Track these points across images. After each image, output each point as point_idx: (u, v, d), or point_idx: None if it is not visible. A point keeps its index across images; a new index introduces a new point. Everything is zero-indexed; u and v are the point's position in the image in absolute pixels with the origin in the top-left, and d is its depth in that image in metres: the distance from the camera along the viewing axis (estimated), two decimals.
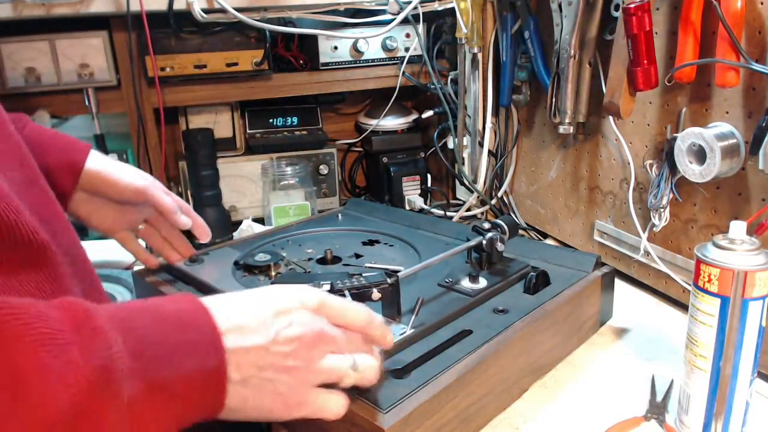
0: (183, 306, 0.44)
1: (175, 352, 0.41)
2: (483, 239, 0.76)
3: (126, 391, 0.38)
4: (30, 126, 0.71)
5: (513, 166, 1.18)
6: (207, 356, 0.42)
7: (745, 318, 0.53)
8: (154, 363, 0.39)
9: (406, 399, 0.52)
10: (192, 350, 0.41)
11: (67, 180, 0.71)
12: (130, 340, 0.39)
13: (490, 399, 0.61)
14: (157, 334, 0.41)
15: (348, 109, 1.48)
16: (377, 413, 0.51)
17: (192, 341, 0.42)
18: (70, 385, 0.35)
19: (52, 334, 0.36)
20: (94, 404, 0.36)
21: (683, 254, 0.82)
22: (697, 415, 0.58)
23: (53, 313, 0.37)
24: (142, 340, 0.40)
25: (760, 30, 0.66)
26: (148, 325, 0.41)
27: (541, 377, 0.69)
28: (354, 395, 0.52)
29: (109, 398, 0.37)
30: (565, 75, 0.90)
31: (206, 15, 1.08)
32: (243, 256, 0.84)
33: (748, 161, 0.70)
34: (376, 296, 0.61)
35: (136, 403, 0.38)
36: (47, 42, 1.06)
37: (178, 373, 0.40)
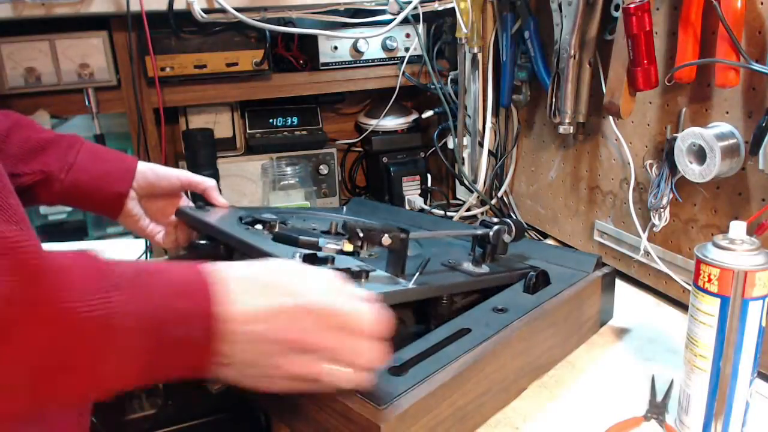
0: (187, 274, 0.45)
1: (171, 315, 0.42)
2: (490, 231, 0.76)
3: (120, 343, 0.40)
4: (86, 145, 0.82)
5: (513, 166, 1.18)
6: (197, 323, 0.43)
7: (745, 318, 0.53)
8: (150, 322, 0.41)
9: (402, 396, 0.52)
10: (185, 316, 0.43)
11: (124, 182, 0.83)
12: (132, 300, 0.41)
13: (488, 398, 0.61)
14: (159, 298, 0.42)
15: (348, 109, 1.47)
16: (374, 410, 0.51)
17: (186, 308, 0.43)
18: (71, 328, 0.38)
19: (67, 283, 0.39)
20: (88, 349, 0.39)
21: (683, 254, 0.82)
22: (697, 415, 0.58)
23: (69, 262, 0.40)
24: (143, 301, 0.41)
25: (760, 30, 0.66)
26: (150, 287, 0.43)
27: (541, 377, 0.69)
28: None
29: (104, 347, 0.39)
30: (565, 75, 0.90)
31: (206, 15, 1.07)
32: (248, 214, 0.86)
33: (748, 161, 0.70)
34: (386, 241, 0.62)
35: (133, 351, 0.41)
36: (47, 42, 1.06)
37: (169, 335, 0.42)
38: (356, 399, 0.52)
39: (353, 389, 0.52)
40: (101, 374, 0.41)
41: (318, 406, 0.56)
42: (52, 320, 0.38)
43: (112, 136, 1.21)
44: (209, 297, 0.44)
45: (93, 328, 0.39)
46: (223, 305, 0.44)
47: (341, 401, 0.53)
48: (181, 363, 0.44)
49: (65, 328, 0.38)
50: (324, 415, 0.55)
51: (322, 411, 0.55)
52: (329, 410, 0.54)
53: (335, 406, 0.54)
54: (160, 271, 0.44)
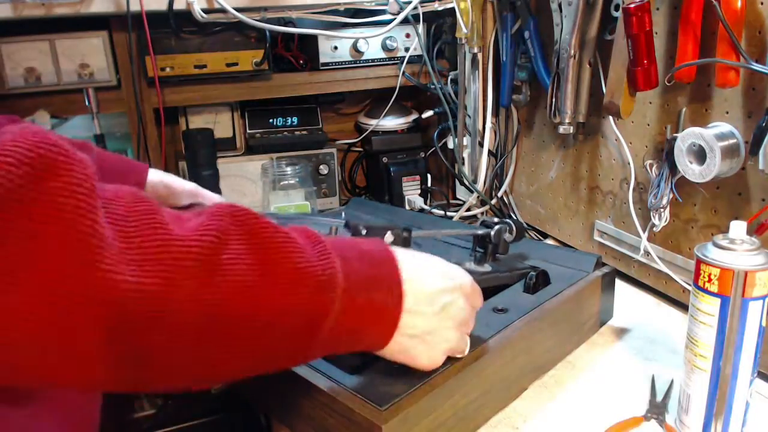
0: (377, 247, 0.52)
1: (371, 283, 0.48)
2: (491, 230, 0.76)
3: (338, 304, 0.45)
4: (96, 151, 0.82)
5: (513, 166, 1.18)
6: (390, 293, 0.50)
7: (745, 318, 0.53)
8: (356, 288, 0.47)
9: (404, 397, 0.52)
10: (380, 286, 0.49)
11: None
12: (344, 265, 0.46)
13: (488, 398, 0.61)
14: (359, 265, 0.48)
15: (348, 109, 1.47)
16: (375, 411, 0.51)
17: (381, 278, 0.50)
18: (309, 286, 0.43)
19: (301, 247, 0.44)
20: (321, 305, 0.44)
21: (683, 254, 0.82)
22: (697, 415, 0.58)
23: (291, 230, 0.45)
24: (350, 268, 0.47)
25: (760, 30, 0.66)
26: (353, 256, 0.48)
27: (541, 377, 0.69)
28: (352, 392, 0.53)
29: (329, 304, 0.44)
30: (565, 75, 0.90)
31: (206, 15, 1.07)
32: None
33: (748, 161, 0.70)
34: (389, 239, 0.63)
35: (341, 315, 0.45)
36: (47, 42, 1.06)
37: (369, 301, 0.48)
38: (357, 400, 0.52)
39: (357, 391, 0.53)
40: (317, 335, 0.45)
41: (319, 406, 0.56)
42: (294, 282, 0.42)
43: (112, 136, 1.21)
44: (399, 268, 0.51)
45: (325, 286, 0.44)
46: (409, 281, 0.51)
47: (342, 402, 0.53)
48: (370, 327, 0.49)
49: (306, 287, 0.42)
50: (325, 415, 0.55)
51: (323, 412, 0.55)
52: (330, 411, 0.54)
53: (336, 407, 0.54)
54: (352, 243, 0.51)
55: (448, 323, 0.54)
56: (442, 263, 0.57)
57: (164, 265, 0.36)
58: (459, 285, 0.56)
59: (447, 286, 0.54)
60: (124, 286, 0.34)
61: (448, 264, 0.58)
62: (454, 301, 0.54)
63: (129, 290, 0.34)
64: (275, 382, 0.61)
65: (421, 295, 0.52)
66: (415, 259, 0.54)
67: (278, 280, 0.41)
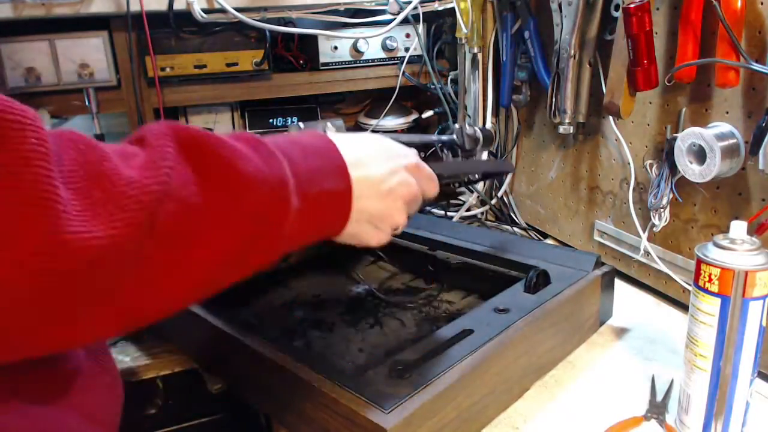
0: (316, 140, 0.52)
1: (317, 174, 0.49)
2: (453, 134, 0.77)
3: (293, 201, 0.46)
4: None
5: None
6: (339, 179, 0.51)
7: (745, 318, 0.53)
8: (305, 182, 0.47)
9: (408, 399, 0.52)
10: (328, 174, 0.50)
11: None
12: (290, 163, 0.46)
13: (491, 399, 0.61)
14: (304, 160, 0.48)
15: (348, 109, 1.48)
16: (379, 413, 0.50)
17: (327, 167, 0.50)
18: (262, 190, 0.43)
19: (246, 154, 0.43)
20: (275, 211, 0.44)
21: (683, 254, 0.82)
22: (697, 414, 0.58)
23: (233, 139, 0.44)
24: (296, 164, 0.47)
25: (760, 30, 0.66)
26: (296, 152, 0.48)
27: (542, 377, 0.69)
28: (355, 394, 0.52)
29: (285, 207, 0.45)
30: (565, 75, 0.90)
31: (206, 15, 1.08)
32: None
33: (748, 161, 0.70)
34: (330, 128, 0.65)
35: (296, 212, 0.46)
36: (47, 42, 1.06)
37: (320, 191, 0.49)
38: (361, 401, 0.52)
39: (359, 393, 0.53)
40: (281, 234, 0.46)
41: (321, 408, 0.55)
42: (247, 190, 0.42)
43: (112, 136, 1.21)
44: (342, 156, 0.51)
45: (276, 187, 0.44)
46: (355, 166, 0.52)
47: (345, 404, 0.52)
48: (327, 217, 0.51)
49: (259, 193, 0.43)
50: (327, 417, 0.55)
51: (324, 414, 0.55)
52: (332, 413, 0.54)
53: (339, 408, 0.53)
54: (292, 139, 0.50)
55: (397, 203, 0.56)
56: (383, 142, 0.58)
57: (124, 212, 0.36)
58: (404, 165, 0.57)
59: (392, 167, 0.56)
60: (95, 242, 0.34)
61: (389, 142, 0.59)
62: (401, 182, 0.56)
63: (101, 246, 0.35)
64: (276, 383, 0.61)
65: (368, 182, 0.53)
66: (356, 144, 0.55)
67: (231, 194, 0.42)
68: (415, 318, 0.78)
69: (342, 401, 0.53)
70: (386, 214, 0.56)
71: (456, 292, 0.85)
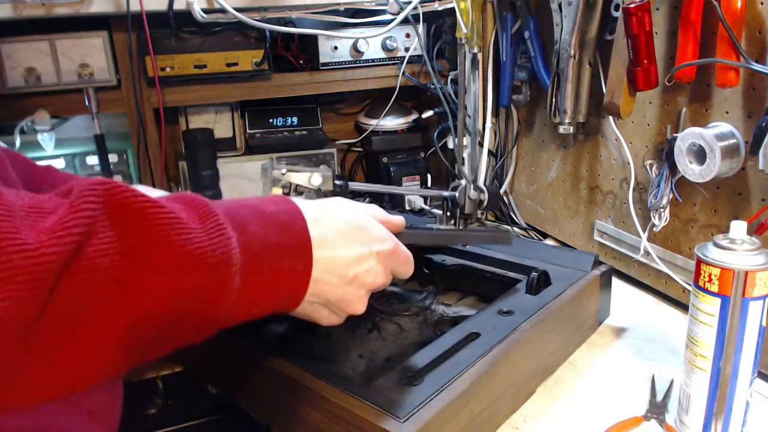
0: (282, 208, 0.49)
1: (275, 250, 0.46)
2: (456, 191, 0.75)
3: (237, 281, 0.42)
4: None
5: (513, 166, 1.18)
6: (299, 258, 0.48)
7: (745, 318, 0.53)
8: (259, 258, 0.44)
9: (422, 407, 0.51)
10: (287, 251, 0.47)
11: None
12: (242, 237, 0.43)
13: (501, 403, 0.61)
14: (262, 233, 0.45)
15: (348, 109, 1.47)
16: (395, 422, 0.49)
17: (288, 243, 0.47)
18: (199, 268, 0.39)
19: (183, 222, 0.39)
20: (214, 288, 0.41)
21: (683, 254, 0.82)
22: (697, 414, 0.58)
23: (180, 206, 0.41)
24: (250, 238, 0.44)
25: (760, 30, 0.66)
26: (255, 223, 0.45)
27: (547, 378, 0.69)
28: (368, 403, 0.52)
29: (224, 288, 0.41)
30: (565, 75, 0.90)
31: (206, 15, 1.07)
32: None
33: (748, 161, 0.70)
34: (316, 180, 0.62)
35: (242, 291, 0.43)
36: (47, 42, 1.06)
37: (275, 269, 0.46)
38: (374, 411, 0.50)
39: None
40: (216, 314, 0.43)
41: (331, 419, 0.54)
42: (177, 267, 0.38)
43: (112, 136, 1.21)
44: (308, 232, 0.48)
45: (216, 267, 0.40)
46: (320, 247, 0.49)
47: (358, 414, 0.51)
48: (278, 297, 0.48)
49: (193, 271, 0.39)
50: (338, 428, 0.53)
51: (335, 424, 0.53)
52: (344, 423, 0.52)
53: (351, 418, 0.51)
54: (254, 207, 0.47)
55: (358, 292, 0.53)
56: (360, 220, 0.54)
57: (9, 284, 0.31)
58: (376, 252, 0.53)
59: (362, 254, 0.52)
60: None
61: (367, 221, 0.54)
62: (368, 270, 0.52)
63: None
64: (280, 393, 0.60)
65: (332, 265, 0.50)
66: (328, 219, 0.51)
67: (155, 269, 0.37)
68: (412, 321, 0.78)
69: (355, 411, 0.51)
70: (345, 301, 0.52)
71: (452, 294, 0.84)
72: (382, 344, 0.72)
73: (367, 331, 0.75)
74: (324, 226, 0.50)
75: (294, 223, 0.48)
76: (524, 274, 0.77)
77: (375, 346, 0.72)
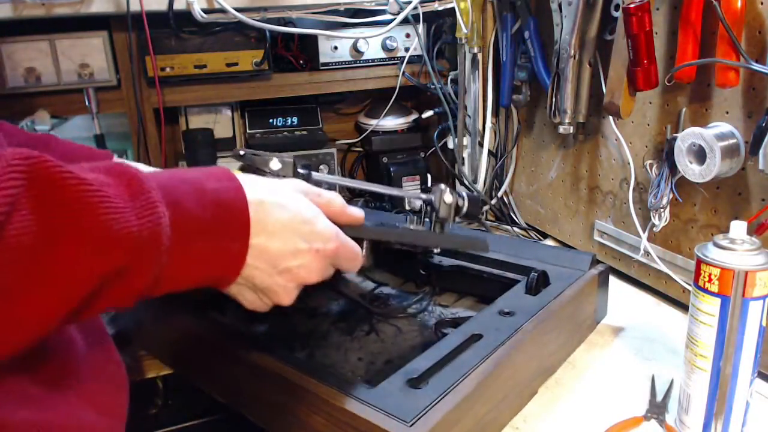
0: (224, 185, 0.47)
1: (211, 227, 0.45)
2: (432, 195, 0.70)
3: (164, 259, 0.42)
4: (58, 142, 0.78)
5: (513, 166, 1.18)
6: (235, 240, 0.47)
7: (745, 318, 0.53)
8: (192, 235, 0.44)
9: (429, 410, 0.50)
10: (223, 232, 0.46)
11: None
12: (176, 215, 0.42)
13: (505, 404, 0.61)
14: (201, 209, 0.44)
15: (348, 109, 1.48)
16: (402, 426, 0.49)
17: (226, 222, 0.46)
18: (124, 247, 0.39)
19: (111, 200, 0.39)
20: (138, 266, 0.40)
21: (683, 254, 0.82)
22: (697, 414, 0.58)
23: (110, 180, 0.40)
24: (184, 216, 0.43)
25: (760, 30, 0.66)
26: (193, 198, 0.44)
27: (549, 378, 0.69)
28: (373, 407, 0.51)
29: (152, 263, 0.41)
30: (565, 75, 0.90)
31: (206, 15, 1.07)
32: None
33: (748, 161, 0.70)
34: (275, 165, 0.61)
35: (171, 268, 0.43)
36: (47, 42, 1.06)
37: (207, 248, 0.45)
38: (380, 415, 0.50)
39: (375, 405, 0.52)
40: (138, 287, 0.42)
41: (337, 424, 0.53)
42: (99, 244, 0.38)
43: (112, 136, 1.21)
44: (249, 215, 0.47)
45: (143, 245, 0.40)
46: (258, 234, 0.48)
47: (364, 418, 0.50)
48: (208, 273, 0.47)
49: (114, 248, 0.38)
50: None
51: (340, 429, 0.53)
52: (348, 427, 0.52)
53: (358, 424, 0.51)
54: (195, 182, 0.46)
55: (288, 284, 0.51)
56: (308, 216, 0.51)
57: None
58: (315, 249, 0.51)
59: (299, 248, 0.50)
60: None
61: (315, 217, 0.52)
62: (302, 265, 0.51)
63: None
64: (279, 397, 0.59)
65: (266, 253, 0.49)
66: (273, 206, 0.49)
67: (79, 248, 0.37)
68: (410, 323, 0.77)
69: (361, 415, 0.50)
70: (272, 291, 0.51)
71: (449, 294, 0.84)
72: (381, 346, 0.72)
73: (365, 334, 0.75)
74: (266, 212, 0.48)
75: (234, 203, 0.46)
76: (522, 275, 0.77)
77: (374, 348, 0.72)
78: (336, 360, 0.69)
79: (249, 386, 0.64)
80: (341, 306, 0.83)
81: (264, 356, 0.61)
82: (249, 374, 0.63)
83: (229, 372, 0.66)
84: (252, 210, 0.47)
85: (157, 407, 0.80)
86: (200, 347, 0.69)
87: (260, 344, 0.64)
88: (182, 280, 0.46)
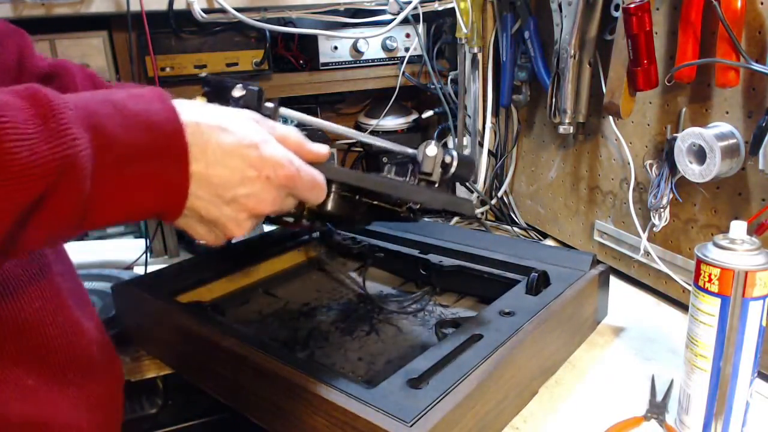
0: (154, 107, 0.43)
1: (139, 152, 0.41)
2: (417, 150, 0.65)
3: (88, 184, 0.39)
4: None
5: (513, 166, 1.18)
6: (171, 165, 0.43)
7: (745, 318, 0.53)
8: (118, 161, 0.40)
9: (429, 410, 0.50)
10: (156, 155, 0.42)
11: None
12: (98, 138, 0.39)
13: (506, 404, 0.61)
14: (124, 133, 0.40)
15: (348, 109, 1.48)
16: (403, 427, 0.49)
17: (157, 147, 0.42)
18: (37, 174, 0.36)
19: (18, 126, 0.36)
20: (56, 193, 0.37)
21: (683, 254, 0.82)
22: (697, 414, 0.58)
23: (19, 103, 0.37)
24: (108, 138, 0.40)
25: (760, 30, 0.66)
26: (114, 123, 0.40)
27: (549, 378, 0.69)
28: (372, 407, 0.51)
29: (72, 190, 0.38)
30: (565, 75, 0.90)
31: (206, 15, 1.07)
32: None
33: (748, 161, 0.70)
34: (238, 92, 0.57)
35: (99, 195, 0.40)
36: (47, 42, 1.06)
37: (140, 174, 0.41)
38: (380, 415, 0.50)
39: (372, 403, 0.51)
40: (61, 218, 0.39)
41: (338, 425, 0.53)
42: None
43: None
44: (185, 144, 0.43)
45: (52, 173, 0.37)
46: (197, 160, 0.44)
47: (365, 419, 0.50)
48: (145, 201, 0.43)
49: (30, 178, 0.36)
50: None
51: (339, 429, 0.53)
52: (349, 428, 0.52)
53: (358, 424, 0.51)
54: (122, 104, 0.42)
55: (238, 215, 0.48)
56: (255, 140, 0.47)
57: None
58: (265, 176, 0.47)
59: (247, 175, 0.46)
60: None
61: (264, 141, 0.48)
62: (251, 194, 0.47)
63: None
64: (279, 398, 0.59)
65: (208, 183, 0.45)
66: (215, 130, 0.45)
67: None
68: (410, 323, 0.78)
69: (361, 416, 0.50)
70: (221, 223, 0.48)
71: (449, 294, 0.84)
72: (381, 347, 0.72)
73: (365, 334, 0.75)
74: (206, 136, 0.44)
75: (166, 124, 0.43)
76: (523, 275, 0.77)
77: (374, 348, 0.72)
78: (336, 360, 0.69)
79: (249, 386, 0.64)
80: (341, 306, 0.83)
81: (264, 356, 0.61)
82: (249, 374, 0.63)
83: (229, 372, 0.66)
84: (189, 132, 0.43)
85: (157, 407, 0.80)
86: (200, 347, 0.69)
87: (260, 344, 0.64)
88: (118, 209, 0.42)
